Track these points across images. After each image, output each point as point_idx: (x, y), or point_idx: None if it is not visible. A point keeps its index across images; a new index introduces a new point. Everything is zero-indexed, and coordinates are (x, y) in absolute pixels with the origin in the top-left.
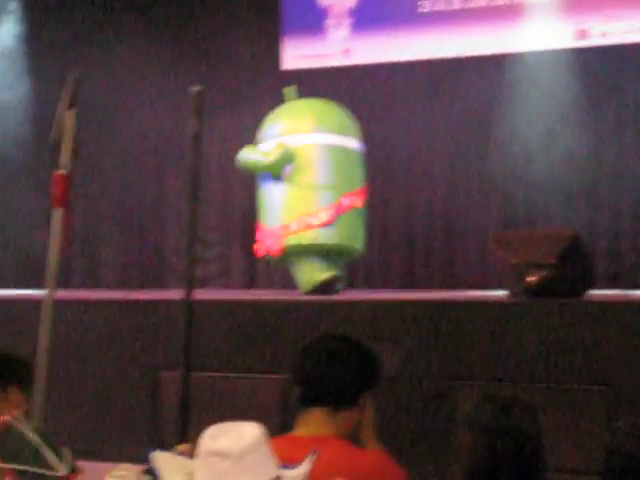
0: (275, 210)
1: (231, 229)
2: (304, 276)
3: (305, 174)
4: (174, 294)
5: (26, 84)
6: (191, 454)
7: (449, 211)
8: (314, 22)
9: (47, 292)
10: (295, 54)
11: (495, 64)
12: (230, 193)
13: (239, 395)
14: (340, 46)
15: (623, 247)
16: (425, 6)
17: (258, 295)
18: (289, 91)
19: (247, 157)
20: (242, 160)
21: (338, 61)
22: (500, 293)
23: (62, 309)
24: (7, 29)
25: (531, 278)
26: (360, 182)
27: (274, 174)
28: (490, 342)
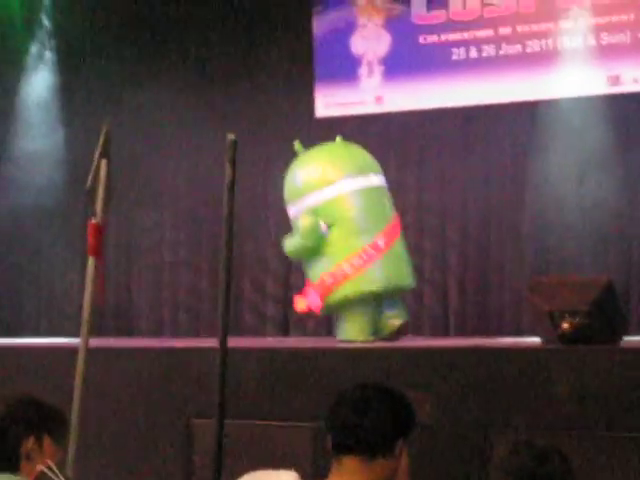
0: (315, 263)
1: (264, 277)
2: (361, 325)
3: (336, 226)
4: (206, 342)
5: (60, 133)
6: None
7: (482, 257)
8: (347, 70)
9: (81, 340)
10: (328, 102)
11: (528, 111)
12: (263, 241)
13: (271, 443)
14: (373, 93)
15: None
16: (458, 54)
17: (291, 343)
18: (297, 145)
19: (290, 248)
20: (288, 252)
21: (371, 108)
22: (534, 340)
23: (96, 357)
24: (42, 79)
25: (565, 325)
26: (390, 217)
27: (316, 246)
28: (524, 389)
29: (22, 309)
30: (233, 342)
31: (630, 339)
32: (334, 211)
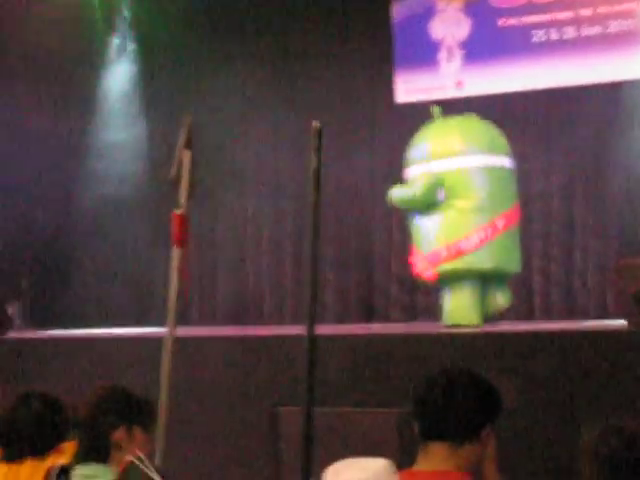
0: (428, 235)
1: (347, 264)
2: (452, 309)
3: (457, 198)
4: (291, 329)
5: (141, 125)
6: None
7: (567, 239)
8: (427, 55)
9: (168, 330)
10: (408, 87)
11: (610, 92)
12: (346, 228)
13: (357, 430)
14: (453, 78)
15: None
16: (539, 36)
17: (376, 330)
18: (436, 110)
19: (397, 195)
20: (393, 198)
21: (451, 93)
22: (619, 323)
23: (182, 346)
24: (123, 71)
25: None
26: (513, 201)
27: (425, 205)
28: (611, 372)
29: (109, 300)
30: (318, 329)
31: None
32: (457, 183)
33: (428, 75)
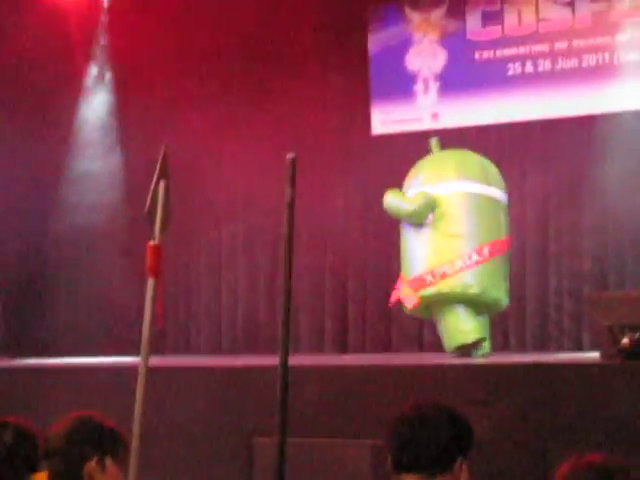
0: (414, 259)
1: (324, 295)
2: (447, 333)
3: (445, 222)
4: (266, 359)
5: (116, 154)
6: None
7: (540, 273)
8: (403, 87)
9: (142, 359)
10: (385, 119)
11: (585, 125)
12: (320, 258)
13: (331, 460)
14: (429, 110)
15: None
16: (514, 69)
17: (349, 360)
18: (434, 143)
19: (392, 201)
20: (387, 203)
21: (427, 125)
22: (593, 355)
23: (156, 376)
24: (99, 100)
25: (625, 340)
26: (502, 232)
27: (416, 221)
28: (584, 405)
29: (83, 329)
30: (292, 359)
31: None
32: (447, 208)
33: (404, 107)
